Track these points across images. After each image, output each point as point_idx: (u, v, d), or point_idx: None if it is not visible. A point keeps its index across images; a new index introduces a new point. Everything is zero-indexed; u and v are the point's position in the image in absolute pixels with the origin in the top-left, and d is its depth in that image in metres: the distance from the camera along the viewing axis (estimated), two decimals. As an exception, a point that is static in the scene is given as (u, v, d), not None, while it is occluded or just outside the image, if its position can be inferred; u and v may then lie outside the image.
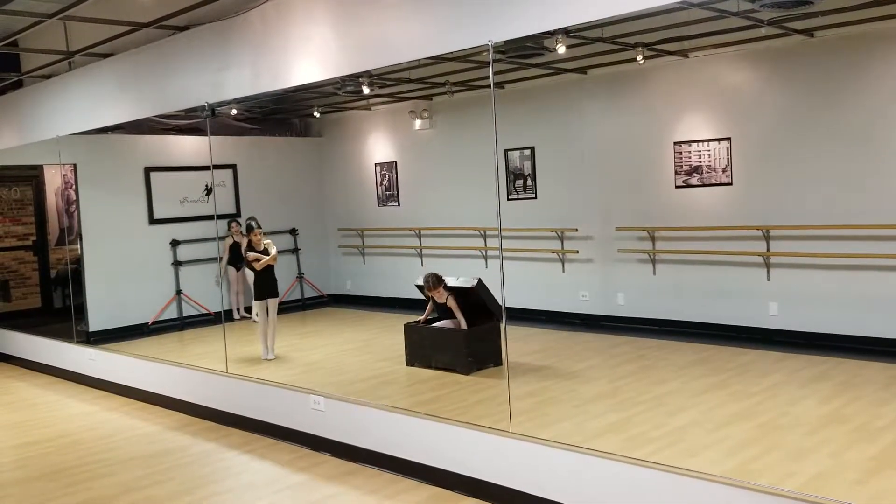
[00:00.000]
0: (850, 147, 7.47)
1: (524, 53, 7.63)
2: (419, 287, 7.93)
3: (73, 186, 10.62)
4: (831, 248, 7.62)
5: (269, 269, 8.27)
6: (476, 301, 7.62)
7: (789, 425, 5.44)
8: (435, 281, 7.65)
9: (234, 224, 11.03)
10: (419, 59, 5.70)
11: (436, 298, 7.69)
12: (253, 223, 8.37)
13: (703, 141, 8.50)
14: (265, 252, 8.23)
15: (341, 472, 5.59)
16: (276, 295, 8.41)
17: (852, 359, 7.07)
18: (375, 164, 11.93)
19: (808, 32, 7.42)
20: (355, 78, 7.77)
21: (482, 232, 10.29)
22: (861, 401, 5.87)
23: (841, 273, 7.64)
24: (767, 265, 8.12)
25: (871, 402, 5.81)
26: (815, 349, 7.48)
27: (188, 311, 10.94)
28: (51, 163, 11.11)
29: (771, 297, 8.11)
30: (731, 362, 7.24)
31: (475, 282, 7.59)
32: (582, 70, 9.13)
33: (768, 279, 8.13)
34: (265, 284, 8.30)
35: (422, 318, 7.90)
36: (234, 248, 11.01)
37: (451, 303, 7.60)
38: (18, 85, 9.89)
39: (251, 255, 8.22)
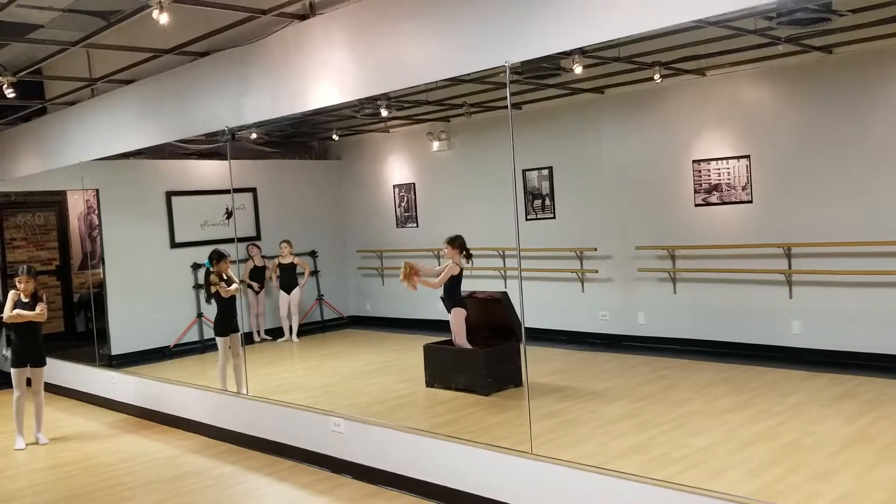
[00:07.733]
0: (871, 163, 7.42)
1: (541, 74, 7.68)
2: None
3: (96, 211, 10.74)
4: (854, 265, 7.54)
5: (232, 302, 7.81)
6: (499, 317, 7.64)
7: (814, 445, 5.37)
8: (458, 240, 7.69)
9: (252, 247, 11.13)
10: (436, 81, 5.73)
11: (445, 254, 7.78)
12: (224, 253, 7.83)
13: (722, 159, 8.47)
14: (228, 282, 7.75)
15: (362, 494, 5.57)
16: (237, 329, 7.82)
17: (877, 377, 6.98)
18: (394, 186, 11.99)
19: (826, 49, 7.40)
20: (373, 100, 7.83)
21: (501, 252, 10.28)
22: (887, 420, 5.78)
23: (864, 290, 7.55)
24: (789, 283, 8.05)
25: (898, 422, 5.73)
26: (839, 368, 7.39)
27: (209, 333, 10.97)
28: (74, 188, 11.27)
29: (793, 316, 8.03)
30: (753, 382, 7.17)
31: (501, 294, 7.67)
32: (599, 90, 9.14)
33: (790, 297, 8.05)
34: (230, 318, 7.76)
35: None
36: (255, 271, 11.14)
37: (445, 270, 7.68)
38: (42, 112, 10.04)
39: (215, 278, 7.67)
